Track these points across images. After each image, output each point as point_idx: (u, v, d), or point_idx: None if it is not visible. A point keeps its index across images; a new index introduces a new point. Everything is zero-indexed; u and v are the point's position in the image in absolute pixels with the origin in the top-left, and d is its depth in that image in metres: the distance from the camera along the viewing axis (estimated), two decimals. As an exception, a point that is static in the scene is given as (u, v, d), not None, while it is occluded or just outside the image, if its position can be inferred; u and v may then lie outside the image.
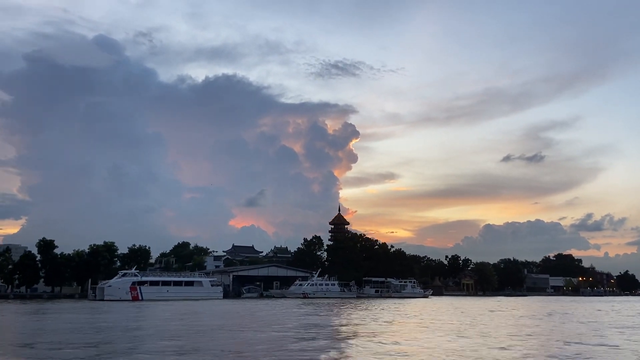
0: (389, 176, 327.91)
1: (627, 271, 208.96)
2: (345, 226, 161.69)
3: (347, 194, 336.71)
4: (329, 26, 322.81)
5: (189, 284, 73.78)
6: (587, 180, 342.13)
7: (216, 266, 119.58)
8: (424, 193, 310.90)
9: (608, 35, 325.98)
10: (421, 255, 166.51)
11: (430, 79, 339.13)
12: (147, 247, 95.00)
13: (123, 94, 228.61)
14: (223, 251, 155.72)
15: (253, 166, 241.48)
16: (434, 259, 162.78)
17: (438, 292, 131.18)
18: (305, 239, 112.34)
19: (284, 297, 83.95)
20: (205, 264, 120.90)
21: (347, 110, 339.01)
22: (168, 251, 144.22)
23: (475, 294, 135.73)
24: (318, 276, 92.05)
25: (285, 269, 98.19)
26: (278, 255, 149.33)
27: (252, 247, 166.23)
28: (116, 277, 70.78)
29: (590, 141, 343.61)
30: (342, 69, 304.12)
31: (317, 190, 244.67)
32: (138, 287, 68.80)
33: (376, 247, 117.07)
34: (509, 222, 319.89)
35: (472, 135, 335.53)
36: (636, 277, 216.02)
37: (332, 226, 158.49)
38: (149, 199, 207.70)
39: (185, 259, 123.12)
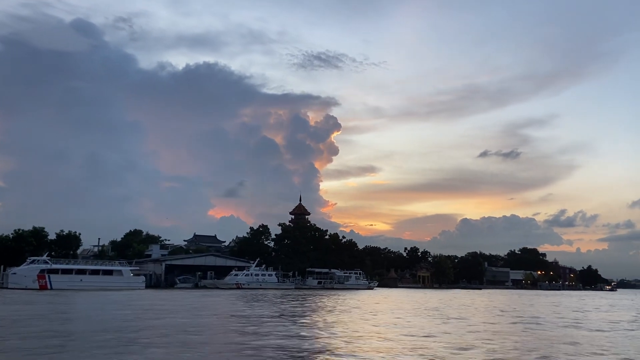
0: (370, 169, 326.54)
1: (590, 266, 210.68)
2: (307, 216, 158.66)
3: (327, 186, 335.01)
4: (312, 17, 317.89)
5: (107, 272, 69.29)
6: (562, 177, 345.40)
7: (162, 255, 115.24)
8: (404, 187, 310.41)
9: (586, 36, 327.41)
10: (382, 247, 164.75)
11: (412, 73, 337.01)
12: (77, 233, 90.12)
13: (101, 79, 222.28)
14: (184, 240, 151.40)
15: (233, 156, 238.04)
16: (394, 250, 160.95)
17: (392, 284, 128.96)
18: (251, 228, 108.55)
19: (216, 287, 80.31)
20: (150, 252, 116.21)
21: (329, 102, 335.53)
22: (119, 239, 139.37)
23: (430, 287, 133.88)
24: (257, 266, 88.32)
25: (224, 258, 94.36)
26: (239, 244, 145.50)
27: (215, 236, 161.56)
28: (24, 263, 66.06)
29: (566, 139, 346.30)
30: (324, 60, 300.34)
31: (298, 182, 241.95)
32: (47, 276, 64.12)
33: (326, 237, 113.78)
34: (485, 216, 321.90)
35: (452, 131, 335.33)
36: (599, 272, 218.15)
37: (293, 216, 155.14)
38: (126, 188, 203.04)
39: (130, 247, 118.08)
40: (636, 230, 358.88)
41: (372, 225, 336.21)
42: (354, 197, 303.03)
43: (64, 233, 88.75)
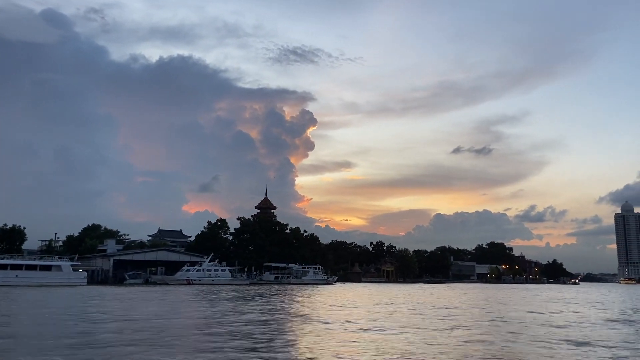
0: (345, 165, 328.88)
1: (554, 260, 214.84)
2: (273, 211, 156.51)
3: (303, 181, 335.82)
4: (288, 12, 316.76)
5: (46, 268, 66.12)
6: (533, 173, 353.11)
7: (118, 250, 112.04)
8: (379, 182, 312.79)
9: (557, 35, 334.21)
10: (349, 242, 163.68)
11: (388, 69, 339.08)
12: (21, 227, 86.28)
13: (72, 71, 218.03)
14: (148, 235, 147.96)
15: (208, 151, 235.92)
16: (360, 245, 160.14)
17: (356, 279, 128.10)
18: (209, 222, 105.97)
19: (166, 283, 77.80)
20: (105, 248, 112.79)
21: (305, 97, 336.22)
22: (76, 234, 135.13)
23: (395, 281, 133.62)
24: (211, 261, 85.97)
25: (178, 253, 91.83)
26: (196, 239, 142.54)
27: (180, 231, 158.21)
28: (-46, 260, 62.57)
29: (537, 136, 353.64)
30: (300, 55, 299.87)
31: (273, 177, 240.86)
32: (-22, 271, 60.90)
33: (287, 231, 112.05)
34: (459, 212, 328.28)
35: (427, 127, 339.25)
36: (567, 266, 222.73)
37: (259, 210, 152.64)
38: (98, 182, 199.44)
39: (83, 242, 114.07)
40: (603, 225, 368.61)
41: (347, 220, 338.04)
42: (329, 192, 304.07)
43: (7, 227, 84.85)
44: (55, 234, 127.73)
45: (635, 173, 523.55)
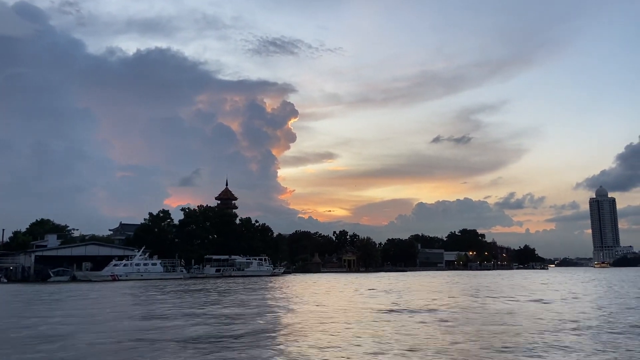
0: (327, 156, 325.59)
1: (526, 245, 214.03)
2: (233, 202, 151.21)
3: (285, 173, 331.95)
4: (267, 2, 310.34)
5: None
6: (511, 161, 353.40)
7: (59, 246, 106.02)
8: (361, 173, 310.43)
9: (534, 24, 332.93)
10: (316, 232, 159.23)
11: (369, 60, 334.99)
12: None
13: (47, 65, 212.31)
14: (109, 229, 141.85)
15: (189, 144, 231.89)
16: (324, 234, 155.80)
17: (314, 269, 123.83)
18: (150, 214, 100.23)
19: (89, 280, 72.26)
20: (45, 243, 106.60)
21: (286, 89, 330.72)
22: (24, 230, 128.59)
23: (357, 270, 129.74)
24: (143, 254, 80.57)
25: (109, 247, 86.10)
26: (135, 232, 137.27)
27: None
28: None
29: (515, 124, 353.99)
30: (280, 46, 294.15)
31: (255, 170, 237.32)
32: None
33: (237, 222, 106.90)
34: (440, 200, 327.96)
35: (408, 117, 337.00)
36: (547, 251, 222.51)
37: (219, 202, 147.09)
38: (77, 178, 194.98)
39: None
40: (580, 211, 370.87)
41: (330, 211, 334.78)
42: (312, 184, 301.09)
43: None
44: (3, 230, 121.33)
45: (611, 159, 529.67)
